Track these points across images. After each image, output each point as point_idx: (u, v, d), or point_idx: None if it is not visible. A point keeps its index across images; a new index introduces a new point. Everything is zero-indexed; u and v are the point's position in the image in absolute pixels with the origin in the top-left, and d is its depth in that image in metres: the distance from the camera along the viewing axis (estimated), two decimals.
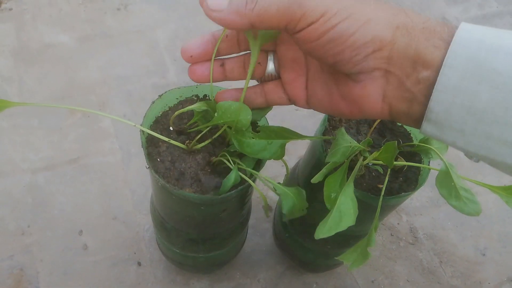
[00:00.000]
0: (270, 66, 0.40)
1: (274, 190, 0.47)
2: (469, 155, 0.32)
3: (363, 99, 0.34)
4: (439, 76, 0.29)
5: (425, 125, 0.32)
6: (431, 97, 0.30)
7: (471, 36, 0.29)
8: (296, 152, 0.93)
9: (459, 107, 0.29)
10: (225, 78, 0.41)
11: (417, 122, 0.33)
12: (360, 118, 0.37)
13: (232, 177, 0.42)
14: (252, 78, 0.40)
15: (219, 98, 0.42)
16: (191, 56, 0.39)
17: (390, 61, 0.31)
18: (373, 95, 0.33)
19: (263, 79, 0.41)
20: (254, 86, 0.42)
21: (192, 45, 0.40)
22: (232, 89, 0.43)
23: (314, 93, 0.38)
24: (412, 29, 0.31)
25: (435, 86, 0.30)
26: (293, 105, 0.41)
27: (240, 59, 0.41)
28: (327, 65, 0.35)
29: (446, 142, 0.32)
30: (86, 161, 0.88)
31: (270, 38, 0.37)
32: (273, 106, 0.43)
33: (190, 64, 0.40)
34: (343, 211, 0.41)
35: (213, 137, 0.46)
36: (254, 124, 0.51)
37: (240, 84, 0.41)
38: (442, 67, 0.29)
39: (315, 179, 0.46)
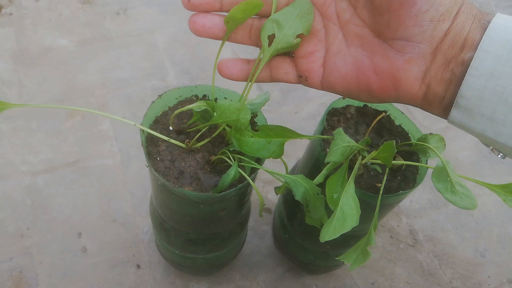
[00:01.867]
0: None
1: (281, 180, 0.47)
2: (496, 147, 0.31)
3: (404, 73, 0.31)
4: (473, 60, 0.28)
5: (454, 113, 0.30)
6: (463, 82, 0.29)
7: (507, 23, 0.28)
8: (295, 153, 0.93)
9: (491, 93, 0.28)
10: (226, 37, 0.37)
11: (447, 111, 0.31)
12: (389, 98, 0.34)
13: (231, 173, 0.42)
14: (256, 46, 0.37)
15: (222, 66, 0.38)
16: (189, 1, 0.34)
17: (445, 37, 0.30)
18: (415, 72, 0.31)
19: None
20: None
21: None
22: (238, 58, 0.39)
23: (335, 68, 0.35)
24: (471, 8, 0.30)
25: (468, 71, 0.29)
26: (303, 84, 0.37)
27: (248, 22, 0.36)
28: (372, 16, 0.32)
29: (475, 132, 0.30)
30: (86, 164, 0.88)
31: (284, 50, 0.35)
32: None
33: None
34: (346, 212, 0.41)
35: (212, 136, 0.46)
36: (253, 123, 0.51)
37: (244, 53, 0.39)
38: (477, 51, 0.28)
39: (317, 181, 0.46)
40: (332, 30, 0.35)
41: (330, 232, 0.39)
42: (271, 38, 0.35)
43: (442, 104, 0.32)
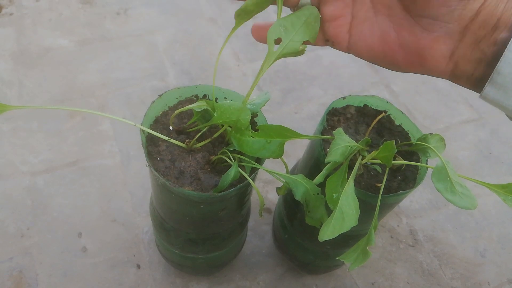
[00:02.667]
0: None
1: (281, 180, 0.47)
2: None
3: (430, 52, 0.31)
4: None
5: (488, 89, 0.30)
6: (501, 58, 0.28)
7: None
8: (295, 153, 0.93)
9: None
10: None
11: (477, 86, 0.31)
12: (416, 71, 0.33)
13: (231, 173, 0.42)
14: (285, 5, 0.35)
15: (256, 30, 0.37)
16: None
17: (476, 17, 0.29)
18: (442, 50, 0.31)
19: (295, 10, 0.36)
20: None
21: None
22: (271, 22, 0.37)
23: (361, 36, 0.34)
24: None
25: (507, 46, 0.28)
26: (330, 46, 0.37)
27: None
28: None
29: (509, 109, 0.30)
30: (86, 164, 0.88)
31: (289, 55, 0.36)
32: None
33: None
34: (345, 212, 0.41)
35: (213, 136, 0.47)
36: (253, 123, 0.51)
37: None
38: None
39: (317, 181, 0.46)
40: None
41: (329, 232, 0.40)
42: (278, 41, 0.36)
43: (471, 80, 0.31)
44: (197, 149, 0.48)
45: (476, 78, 0.31)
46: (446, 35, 0.30)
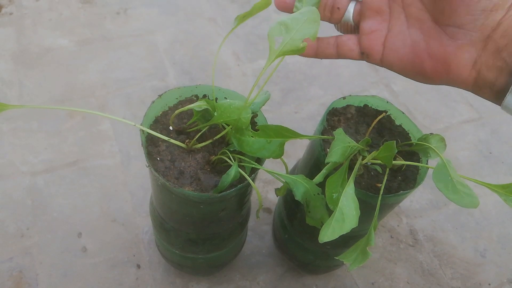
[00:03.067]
0: (350, 13, 0.39)
1: (281, 180, 0.47)
2: None
3: (455, 59, 0.33)
4: None
5: (510, 98, 0.31)
6: None
7: None
8: (295, 153, 0.93)
9: None
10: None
11: (499, 96, 0.32)
12: (441, 81, 0.35)
13: (232, 173, 0.42)
14: (328, 21, 0.40)
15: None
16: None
17: (498, 26, 0.31)
18: (465, 58, 0.32)
19: (339, 27, 0.41)
20: (327, 37, 0.41)
21: None
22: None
23: (394, 48, 0.37)
24: None
25: None
26: (365, 60, 0.40)
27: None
28: (429, 3, 0.34)
29: None
30: (86, 164, 0.88)
31: (290, 53, 0.38)
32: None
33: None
34: (345, 213, 0.41)
35: (214, 138, 0.46)
36: (253, 123, 0.51)
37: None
38: None
39: (316, 180, 0.46)
40: (396, 11, 0.37)
41: (329, 233, 0.39)
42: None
43: (493, 91, 0.33)
44: (197, 149, 0.48)
45: (498, 88, 0.32)
46: (470, 43, 0.32)
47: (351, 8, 0.38)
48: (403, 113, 0.55)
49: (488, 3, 0.30)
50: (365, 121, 0.55)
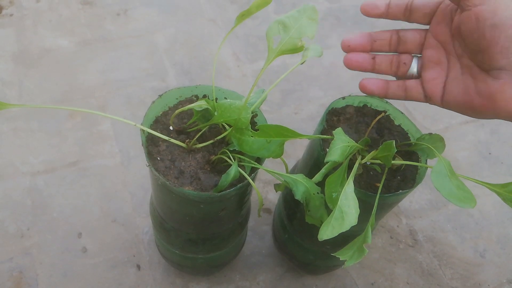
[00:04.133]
0: (414, 67, 0.47)
1: (281, 179, 0.47)
2: None
3: (500, 96, 0.38)
4: None
5: None
6: None
7: None
8: (295, 153, 0.94)
9: None
10: (373, 69, 0.49)
11: None
12: (491, 115, 0.40)
13: (231, 172, 0.43)
14: (394, 75, 0.49)
15: (365, 84, 0.49)
16: (349, 46, 0.47)
17: None
18: (509, 93, 0.37)
19: (405, 77, 0.48)
20: (397, 81, 0.48)
21: (352, 38, 0.47)
22: (378, 79, 0.50)
23: (451, 91, 0.44)
24: None
25: None
26: (428, 102, 0.47)
27: (389, 57, 0.48)
28: (472, 56, 0.41)
29: None
30: (86, 164, 0.88)
31: (289, 52, 0.39)
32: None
33: (345, 54, 0.48)
34: (345, 211, 0.41)
35: (216, 138, 0.47)
36: (253, 123, 0.51)
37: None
38: None
39: (315, 179, 0.46)
40: (452, 61, 0.44)
41: (328, 231, 0.40)
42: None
43: None
44: (197, 149, 0.48)
45: None
46: (511, 81, 0.37)
47: (415, 63, 0.47)
48: (402, 113, 0.55)
49: None
50: (365, 121, 0.56)
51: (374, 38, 0.47)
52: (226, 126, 0.47)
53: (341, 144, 0.44)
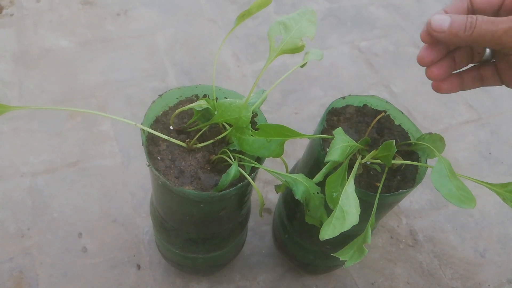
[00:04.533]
0: (487, 55, 0.46)
1: (281, 179, 0.47)
2: None
3: None
4: None
5: None
6: None
7: None
8: (295, 153, 0.94)
9: None
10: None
11: None
12: None
13: (232, 172, 0.43)
14: (471, 62, 0.47)
15: (439, 85, 0.46)
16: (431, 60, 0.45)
17: None
18: None
19: (479, 63, 0.47)
20: (472, 73, 0.46)
21: (426, 54, 0.44)
22: (451, 75, 0.47)
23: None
24: None
25: None
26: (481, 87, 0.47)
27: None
28: None
29: None
30: (86, 164, 0.88)
31: (290, 51, 0.39)
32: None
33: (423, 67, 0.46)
34: (346, 210, 0.41)
35: (216, 138, 0.47)
36: (253, 123, 0.51)
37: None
38: None
39: (316, 179, 0.46)
40: None
41: (329, 231, 0.40)
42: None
43: None
44: (198, 149, 0.48)
45: None
46: None
47: (488, 52, 0.46)
48: (402, 113, 0.55)
49: None
50: (365, 121, 0.56)
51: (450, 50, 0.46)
52: (226, 126, 0.47)
53: (341, 143, 0.44)
